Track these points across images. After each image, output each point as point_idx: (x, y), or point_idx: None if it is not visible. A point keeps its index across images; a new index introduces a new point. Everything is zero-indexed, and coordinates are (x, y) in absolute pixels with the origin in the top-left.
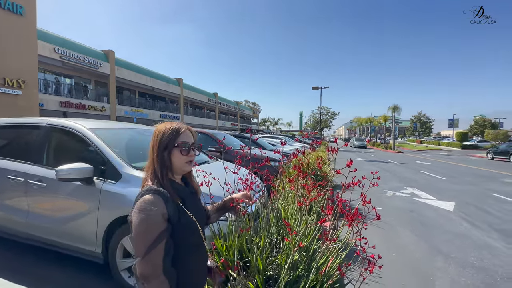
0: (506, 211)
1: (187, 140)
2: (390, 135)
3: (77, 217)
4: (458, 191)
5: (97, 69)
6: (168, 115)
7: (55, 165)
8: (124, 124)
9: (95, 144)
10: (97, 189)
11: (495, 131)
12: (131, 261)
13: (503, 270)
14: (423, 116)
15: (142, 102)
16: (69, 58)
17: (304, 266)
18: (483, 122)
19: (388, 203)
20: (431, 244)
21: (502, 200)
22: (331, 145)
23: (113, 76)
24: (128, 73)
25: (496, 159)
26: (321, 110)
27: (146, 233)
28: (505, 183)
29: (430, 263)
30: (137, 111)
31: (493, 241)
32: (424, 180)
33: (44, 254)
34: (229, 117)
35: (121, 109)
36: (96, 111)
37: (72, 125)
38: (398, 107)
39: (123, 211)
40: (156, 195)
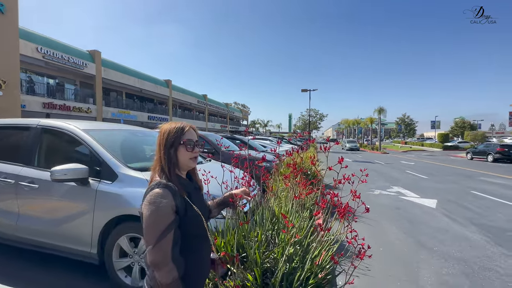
0: (483, 207)
1: (191, 137)
2: (376, 136)
3: (72, 219)
4: (440, 189)
5: (82, 69)
6: (157, 116)
7: (48, 167)
8: (117, 125)
9: (90, 145)
10: (93, 189)
11: (474, 132)
12: (127, 261)
13: (480, 260)
14: (407, 118)
15: (129, 104)
16: (52, 58)
17: (299, 258)
18: (463, 124)
19: (375, 201)
20: (415, 238)
21: (480, 197)
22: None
23: (99, 77)
24: (115, 74)
25: (475, 159)
26: (310, 112)
27: (156, 223)
28: (483, 181)
29: (415, 255)
30: (125, 113)
31: (471, 234)
32: (409, 179)
33: (36, 257)
34: (219, 119)
35: (107, 110)
36: (82, 112)
37: (64, 126)
38: (383, 109)
39: (120, 211)
40: (165, 188)
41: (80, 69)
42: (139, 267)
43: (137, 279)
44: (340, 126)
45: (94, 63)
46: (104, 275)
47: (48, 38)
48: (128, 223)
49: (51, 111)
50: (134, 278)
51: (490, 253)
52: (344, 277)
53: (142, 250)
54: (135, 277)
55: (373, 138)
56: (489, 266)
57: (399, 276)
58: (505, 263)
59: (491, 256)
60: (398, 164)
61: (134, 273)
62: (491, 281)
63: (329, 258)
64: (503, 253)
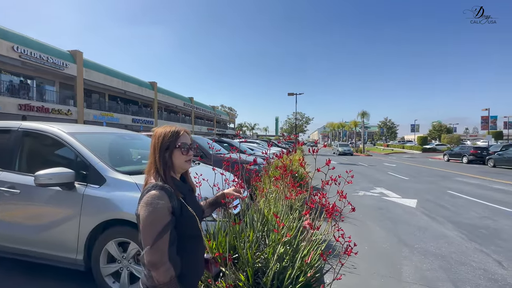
0: (458, 206)
1: (186, 141)
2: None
3: (56, 224)
4: (419, 190)
5: (63, 70)
6: (141, 119)
7: (30, 171)
8: (104, 128)
9: (76, 148)
10: (79, 194)
11: (450, 135)
12: (115, 266)
13: (456, 255)
14: (389, 122)
15: (112, 106)
16: (30, 58)
17: (289, 257)
18: (440, 127)
19: (360, 202)
20: (398, 236)
21: (456, 196)
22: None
23: (80, 78)
24: (98, 75)
25: (451, 160)
26: (296, 116)
27: (153, 224)
28: (458, 182)
29: (397, 253)
30: (107, 115)
31: (448, 231)
32: (391, 181)
33: (18, 265)
34: (205, 122)
35: (89, 113)
36: (61, 114)
37: (48, 129)
38: (366, 113)
39: (108, 215)
40: (161, 190)
41: (60, 69)
42: (128, 272)
43: (126, 284)
44: (326, 129)
45: (75, 64)
46: (91, 282)
47: (26, 36)
48: (116, 227)
49: (27, 113)
50: (123, 283)
51: (465, 248)
52: (331, 276)
53: (131, 255)
54: (124, 282)
55: (357, 140)
56: (464, 260)
57: (383, 273)
58: (477, 258)
59: (466, 252)
60: (381, 166)
61: (123, 279)
62: (465, 274)
63: (317, 257)
64: (476, 248)
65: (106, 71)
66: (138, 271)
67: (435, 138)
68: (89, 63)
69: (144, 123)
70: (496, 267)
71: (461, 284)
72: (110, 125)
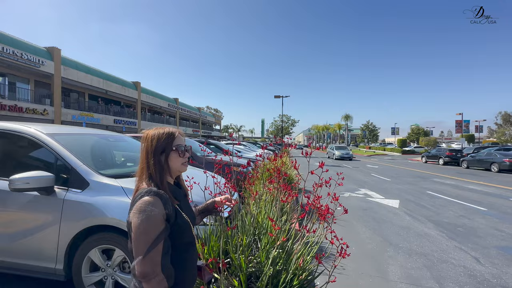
0: (437, 205)
1: (181, 142)
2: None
3: (33, 232)
4: (401, 190)
5: (38, 67)
6: (123, 120)
7: (4, 175)
8: (86, 129)
9: (56, 150)
10: (59, 199)
11: (427, 138)
12: (99, 275)
13: (437, 254)
14: (371, 125)
15: (93, 106)
16: (1, 53)
17: (283, 261)
18: (418, 130)
19: (346, 203)
20: (382, 236)
21: (434, 196)
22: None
23: (58, 76)
24: (77, 73)
25: (429, 162)
26: (282, 118)
27: (146, 233)
28: (436, 182)
29: (383, 252)
30: (87, 116)
31: (429, 230)
32: (374, 182)
33: None
34: (191, 123)
35: (67, 113)
36: (36, 114)
37: (24, 129)
38: (350, 116)
39: (91, 221)
40: (156, 196)
41: (35, 67)
42: (112, 281)
43: None
44: (311, 132)
45: (53, 61)
46: None
47: None
48: (100, 234)
49: None
50: None
51: (445, 246)
52: (322, 278)
53: (117, 263)
54: None
55: (341, 143)
56: (445, 258)
57: (370, 272)
58: (457, 256)
59: (446, 250)
60: (364, 167)
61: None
62: (447, 271)
63: (310, 259)
64: (455, 246)
65: (86, 69)
66: (124, 279)
67: (413, 141)
68: (68, 61)
69: (126, 124)
70: (474, 264)
71: (444, 281)
72: (90, 125)
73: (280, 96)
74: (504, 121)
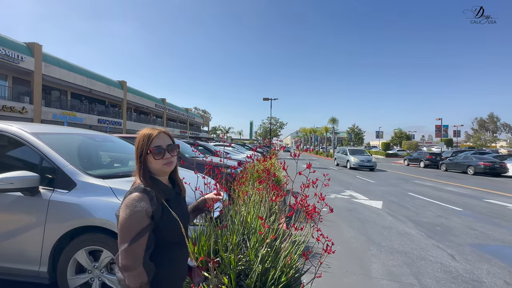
0: (417, 206)
1: (160, 143)
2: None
3: (15, 234)
4: (384, 192)
5: (17, 63)
6: (108, 120)
7: None
8: (72, 128)
9: (41, 150)
10: (44, 200)
11: (409, 142)
12: (85, 277)
13: (417, 251)
14: (356, 128)
15: (75, 105)
16: None
17: (271, 259)
18: (400, 134)
19: (332, 204)
20: (366, 236)
21: (415, 198)
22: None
23: (39, 73)
24: (59, 71)
25: (410, 165)
26: (271, 120)
27: (129, 227)
28: (417, 184)
29: (366, 251)
30: (69, 115)
31: (409, 230)
32: (359, 184)
33: None
34: (178, 124)
35: (48, 111)
36: (14, 112)
37: (7, 128)
38: (336, 119)
39: (78, 222)
40: (142, 193)
41: (13, 63)
42: (99, 282)
43: None
44: (298, 134)
45: (33, 58)
46: None
47: None
48: (87, 235)
49: None
50: None
51: (424, 245)
52: (308, 276)
53: (104, 264)
54: None
55: (327, 145)
56: (424, 256)
57: (354, 270)
58: (435, 253)
59: (425, 247)
60: (349, 170)
61: None
62: (425, 268)
63: (297, 257)
64: (433, 244)
65: (69, 67)
66: (111, 281)
67: (396, 144)
68: (49, 58)
69: (111, 124)
70: (450, 261)
71: (422, 277)
72: (73, 125)
73: (269, 99)
74: (479, 127)
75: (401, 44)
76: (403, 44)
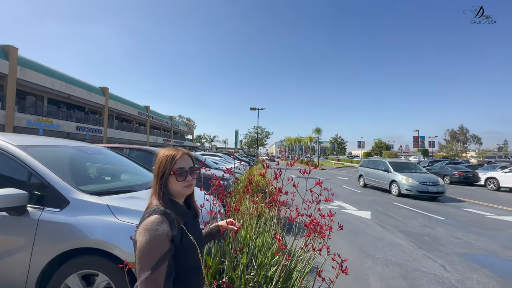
0: (403, 216)
1: (183, 165)
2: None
3: None
4: (370, 202)
5: None
6: (88, 127)
7: None
8: (62, 140)
9: (30, 165)
10: (33, 219)
11: (389, 151)
12: None
13: (410, 263)
14: (339, 138)
15: (52, 111)
16: None
17: (282, 280)
18: (380, 144)
19: None
20: (360, 248)
21: (400, 207)
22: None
23: (13, 77)
24: (36, 75)
25: None
26: (257, 130)
27: (151, 252)
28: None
29: (362, 264)
30: (45, 122)
31: (400, 240)
32: (346, 193)
33: None
34: (162, 132)
35: (22, 117)
36: None
37: None
38: (320, 129)
39: (71, 244)
40: (163, 216)
41: None
42: None
43: None
44: (283, 143)
45: (8, 61)
46: None
47: None
48: (81, 258)
49: None
50: None
51: (416, 255)
52: None
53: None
54: None
55: (311, 155)
56: (417, 267)
57: (353, 285)
58: (427, 264)
59: (417, 258)
60: (335, 179)
61: None
62: (420, 280)
63: (306, 276)
64: (424, 255)
65: (46, 71)
66: None
67: (377, 154)
68: (25, 61)
69: (91, 132)
70: (442, 271)
71: None
72: (49, 132)
73: (256, 108)
74: (451, 138)
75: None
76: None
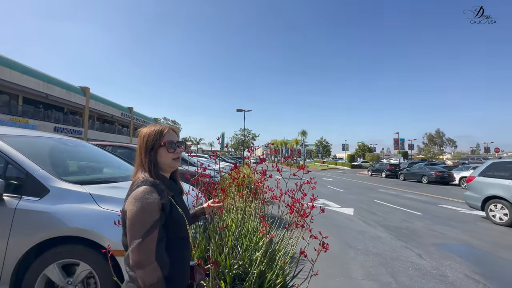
0: (384, 212)
1: (171, 139)
2: (300, 156)
3: None
4: (353, 200)
5: None
6: (67, 128)
7: None
8: (39, 132)
9: (7, 153)
10: (10, 208)
11: (371, 154)
12: None
13: (389, 253)
14: (324, 141)
15: (28, 111)
16: None
17: (267, 261)
18: (363, 147)
19: None
20: (343, 240)
21: (381, 204)
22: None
23: None
24: (10, 73)
25: (373, 175)
26: (244, 132)
27: (142, 220)
28: (381, 192)
29: (345, 254)
30: (20, 121)
31: (380, 233)
32: (330, 193)
33: None
34: None
35: None
36: None
37: None
38: (305, 132)
39: (50, 233)
40: (152, 186)
41: None
42: None
43: None
44: (270, 146)
45: None
46: None
47: None
48: (61, 247)
49: None
50: None
51: (395, 246)
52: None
53: (80, 279)
54: None
55: (297, 157)
56: (396, 256)
57: (336, 273)
58: (405, 253)
59: (396, 249)
60: (320, 180)
61: None
62: (398, 267)
63: (289, 259)
64: (402, 246)
65: (22, 69)
66: None
67: (360, 156)
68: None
69: (70, 133)
70: (418, 259)
71: (397, 275)
72: None
73: (242, 110)
74: (429, 141)
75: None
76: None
